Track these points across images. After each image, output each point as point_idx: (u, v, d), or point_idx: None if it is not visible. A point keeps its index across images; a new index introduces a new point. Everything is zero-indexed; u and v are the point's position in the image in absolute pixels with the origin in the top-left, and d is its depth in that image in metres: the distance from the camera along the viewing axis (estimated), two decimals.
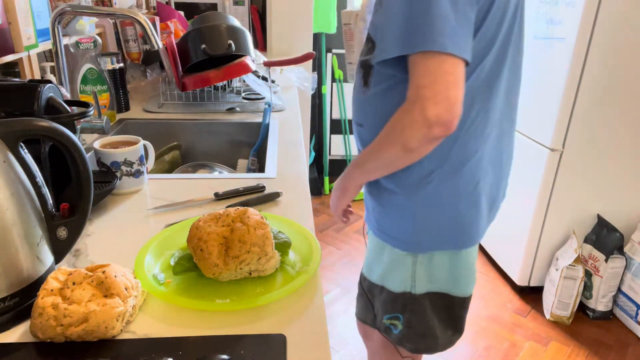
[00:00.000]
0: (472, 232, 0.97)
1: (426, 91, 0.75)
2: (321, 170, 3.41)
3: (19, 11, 1.12)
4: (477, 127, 0.90)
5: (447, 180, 0.92)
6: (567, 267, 2.02)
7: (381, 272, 1.05)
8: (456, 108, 0.76)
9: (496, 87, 0.90)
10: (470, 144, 0.91)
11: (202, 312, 0.64)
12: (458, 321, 1.07)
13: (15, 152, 0.61)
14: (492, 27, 0.84)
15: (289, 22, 2.47)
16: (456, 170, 0.91)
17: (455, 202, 0.93)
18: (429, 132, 0.77)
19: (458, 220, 0.95)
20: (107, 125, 1.07)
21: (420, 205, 0.94)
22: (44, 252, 0.64)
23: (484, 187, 0.95)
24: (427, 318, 1.03)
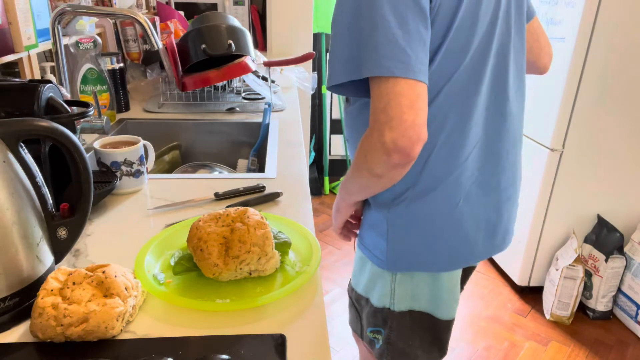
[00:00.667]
0: (453, 256, 0.92)
1: (381, 115, 0.72)
2: (321, 170, 3.41)
3: (19, 11, 1.12)
4: (452, 147, 0.85)
5: (418, 200, 0.88)
6: (567, 267, 2.02)
7: (364, 284, 1.03)
8: (412, 133, 0.71)
9: (473, 103, 0.83)
10: (444, 165, 0.86)
11: (202, 312, 0.64)
12: (443, 343, 1.03)
13: (15, 152, 0.61)
14: (460, 41, 0.79)
15: (289, 22, 2.47)
16: (429, 191, 0.87)
17: (429, 223, 0.89)
18: (388, 158, 0.74)
19: (436, 243, 0.90)
20: (107, 125, 1.07)
21: (394, 225, 0.91)
22: (44, 252, 0.64)
23: (467, 210, 0.89)
24: (406, 336, 1.00)
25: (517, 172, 0.98)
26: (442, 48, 0.78)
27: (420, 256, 0.92)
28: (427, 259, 0.92)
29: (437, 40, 0.77)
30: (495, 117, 0.88)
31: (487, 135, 0.89)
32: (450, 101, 0.82)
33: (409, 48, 0.71)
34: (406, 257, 0.93)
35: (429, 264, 0.92)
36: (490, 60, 0.83)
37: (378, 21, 0.70)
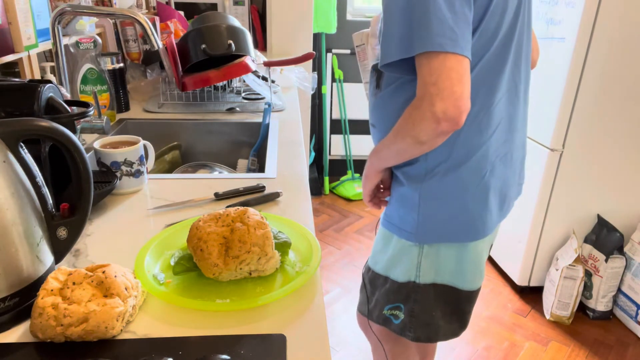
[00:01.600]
0: (479, 226, 0.99)
1: (432, 88, 0.79)
2: (321, 170, 3.41)
3: (19, 11, 1.12)
4: (481, 122, 0.93)
5: (451, 173, 0.94)
6: (567, 267, 2.02)
7: (386, 262, 1.07)
8: (462, 103, 0.79)
9: (498, 82, 0.92)
10: (474, 139, 0.93)
11: (202, 312, 0.64)
12: (464, 315, 1.09)
13: (15, 152, 0.61)
14: (492, 24, 0.87)
15: (289, 22, 2.47)
16: (460, 164, 0.94)
17: (460, 195, 0.96)
18: (437, 126, 0.81)
19: (463, 213, 0.97)
20: (107, 125, 1.07)
21: (425, 198, 0.97)
22: (44, 252, 0.64)
23: (492, 181, 0.97)
24: (430, 308, 1.05)
25: (524, 149, 1.07)
26: (478, 30, 0.86)
27: (450, 227, 0.98)
28: (455, 229, 0.98)
29: (476, 22, 0.85)
30: (513, 97, 0.97)
31: (508, 114, 0.97)
32: (481, 79, 0.90)
33: (456, 27, 0.79)
34: (436, 229, 0.99)
35: (458, 234, 0.99)
36: (513, 45, 0.92)
37: (429, 3, 0.78)
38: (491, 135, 0.94)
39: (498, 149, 0.97)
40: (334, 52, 3.17)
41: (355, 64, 3.23)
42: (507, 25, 0.89)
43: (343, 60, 3.22)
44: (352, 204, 3.18)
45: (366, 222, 2.94)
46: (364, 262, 2.47)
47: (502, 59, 0.91)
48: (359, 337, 1.99)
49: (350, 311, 2.15)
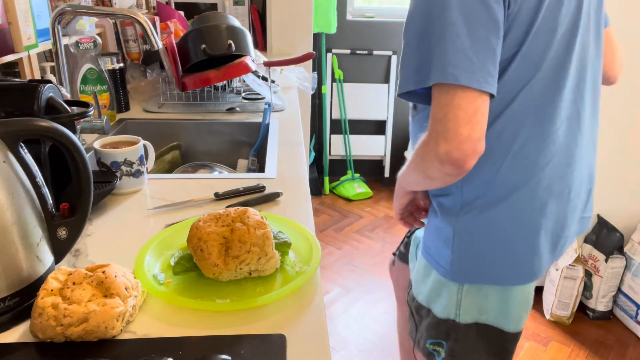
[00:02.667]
0: (524, 270, 0.89)
1: (439, 126, 0.73)
2: (321, 170, 3.41)
3: (19, 11, 1.12)
4: (528, 156, 0.83)
5: (490, 210, 0.85)
6: (567, 267, 2.02)
7: (427, 293, 0.99)
8: (467, 146, 0.72)
9: (552, 111, 0.82)
10: (519, 174, 0.83)
11: (202, 312, 0.64)
12: (507, 356, 0.99)
13: (15, 152, 0.61)
14: (539, 46, 0.77)
15: (289, 22, 2.47)
16: (501, 201, 0.84)
17: (500, 234, 0.86)
18: (442, 167, 0.75)
19: (505, 255, 0.87)
20: (107, 125, 1.07)
21: (460, 234, 0.88)
22: (44, 252, 0.64)
23: (542, 222, 0.86)
24: (472, 349, 0.96)
25: (591, 182, 0.97)
26: (518, 54, 0.76)
27: (488, 268, 0.89)
28: (495, 271, 0.89)
29: (514, 47, 0.76)
30: (574, 127, 0.86)
31: (567, 146, 0.86)
32: (527, 108, 0.80)
33: (475, 57, 0.70)
34: (473, 268, 0.90)
35: (497, 276, 0.89)
36: (571, 67, 0.81)
37: (447, 29, 0.70)
38: (542, 170, 0.84)
39: (551, 185, 0.85)
40: (334, 52, 3.17)
41: (355, 64, 3.23)
42: (559, 43, 0.79)
43: (343, 60, 3.22)
44: (352, 204, 3.18)
45: (366, 222, 2.95)
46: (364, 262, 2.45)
47: (556, 84, 0.81)
48: (359, 337, 1.99)
49: (350, 311, 2.15)
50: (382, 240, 2.73)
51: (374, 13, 3.22)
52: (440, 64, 0.71)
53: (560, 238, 0.91)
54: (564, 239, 0.93)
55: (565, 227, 0.91)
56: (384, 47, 3.20)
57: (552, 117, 0.82)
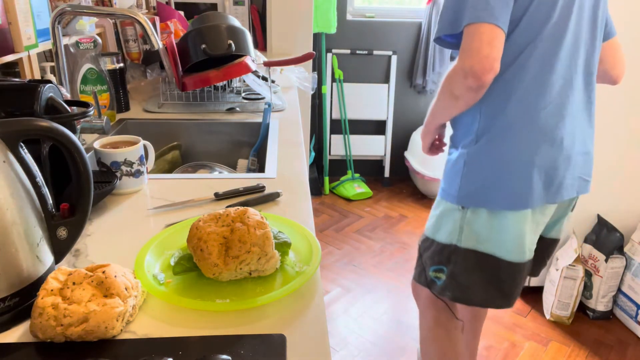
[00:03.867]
0: (517, 197, 1.07)
1: (466, 49, 0.97)
2: (321, 170, 3.41)
3: (19, 11, 1.12)
4: (529, 100, 1.04)
5: (495, 143, 1.07)
6: (567, 267, 2.02)
7: (433, 224, 1.20)
8: (487, 62, 0.95)
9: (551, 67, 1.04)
10: (520, 113, 1.05)
11: (202, 312, 0.64)
12: (502, 284, 1.15)
13: (15, 152, 0.61)
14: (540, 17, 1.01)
15: (289, 22, 2.47)
16: (504, 136, 1.06)
17: (501, 164, 1.07)
18: (465, 81, 0.98)
19: (503, 182, 1.07)
20: (107, 125, 1.07)
21: (469, 163, 1.10)
22: (44, 252, 0.64)
23: (536, 159, 1.06)
24: (469, 272, 1.14)
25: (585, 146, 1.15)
26: (524, 17, 1.01)
27: (488, 193, 1.09)
28: (493, 196, 1.08)
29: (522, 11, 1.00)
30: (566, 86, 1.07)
31: (561, 101, 1.06)
32: (531, 62, 1.03)
33: (495, 6, 0.96)
34: (477, 193, 1.10)
35: (495, 201, 1.08)
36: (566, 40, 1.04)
37: None
38: (538, 113, 1.05)
39: (545, 129, 1.06)
40: (334, 52, 3.17)
41: (355, 64, 3.23)
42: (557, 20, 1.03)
43: (343, 60, 3.22)
44: (352, 204, 3.18)
45: (366, 222, 2.95)
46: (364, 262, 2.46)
47: (554, 49, 1.03)
48: (359, 337, 1.99)
49: (350, 311, 2.15)
50: (382, 240, 2.73)
51: (374, 13, 3.22)
52: (470, 11, 0.97)
53: (554, 180, 1.10)
54: (558, 182, 1.11)
55: (557, 170, 1.09)
56: (384, 47, 3.20)
57: (550, 73, 1.04)
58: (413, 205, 3.16)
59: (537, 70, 1.04)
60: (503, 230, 1.10)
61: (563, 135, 1.08)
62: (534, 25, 1.02)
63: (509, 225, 1.09)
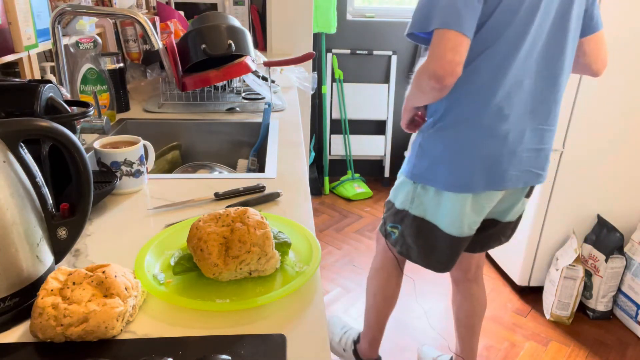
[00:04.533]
0: (455, 181, 1.23)
1: (432, 52, 1.07)
2: (321, 170, 3.41)
3: (19, 11, 1.12)
4: (476, 100, 1.17)
5: (445, 131, 1.22)
6: (567, 267, 2.02)
7: (393, 190, 1.41)
8: (449, 67, 1.05)
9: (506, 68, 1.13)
10: (469, 112, 1.18)
11: (202, 312, 0.64)
12: (439, 252, 1.35)
13: (15, 152, 0.61)
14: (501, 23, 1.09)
15: (289, 22, 2.46)
16: (452, 127, 1.21)
17: (446, 150, 1.22)
18: (429, 81, 1.08)
19: (445, 166, 1.23)
20: (107, 125, 1.07)
21: (424, 146, 1.27)
22: (44, 252, 0.64)
23: (475, 151, 1.20)
24: (415, 235, 1.36)
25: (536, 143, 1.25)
26: (487, 23, 1.09)
27: (434, 174, 1.25)
28: (438, 177, 1.25)
29: (485, 17, 1.09)
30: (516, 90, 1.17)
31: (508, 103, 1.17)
32: (486, 65, 1.13)
33: (463, 11, 1.05)
34: (425, 172, 1.28)
35: (438, 181, 1.25)
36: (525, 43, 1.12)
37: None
38: (486, 112, 1.17)
39: (491, 127, 1.18)
40: (334, 52, 3.17)
41: (355, 64, 3.23)
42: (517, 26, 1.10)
43: (343, 60, 3.22)
44: (352, 204, 3.18)
45: (366, 222, 2.95)
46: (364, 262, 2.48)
47: (511, 53, 1.12)
48: None
49: (350, 311, 2.15)
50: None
51: (374, 13, 3.22)
52: (439, 15, 1.06)
53: (495, 171, 1.22)
54: (500, 174, 1.23)
55: (499, 163, 1.22)
56: (384, 47, 3.20)
57: (503, 75, 1.14)
58: None
59: (490, 73, 1.14)
60: (445, 207, 1.26)
61: (508, 133, 1.19)
62: (494, 30, 1.10)
63: (450, 204, 1.25)
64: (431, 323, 2.08)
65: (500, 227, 1.43)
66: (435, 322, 2.09)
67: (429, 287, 2.32)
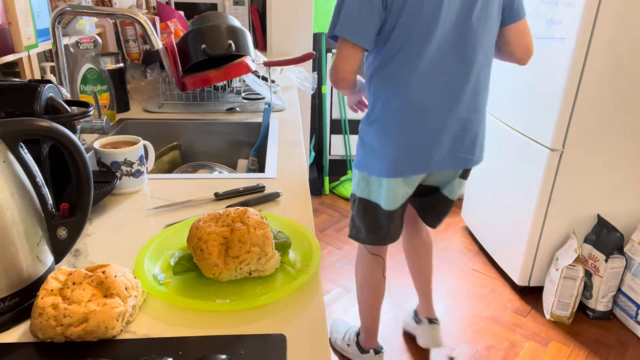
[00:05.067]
0: (382, 167, 1.39)
1: (334, 60, 1.30)
2: (321, 170, 3.41)
3: (19, 11, 1.12)
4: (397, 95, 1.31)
5: (372, 125, 1.39)
6: (567, 267, 2.02)
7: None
8: (340, 75, 1.29)
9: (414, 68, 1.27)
10: (390, 107, 1.34)
11: (202, 312, 0.64)
12: (381, 227, 1.52)
13: (15, 152, 0.61)
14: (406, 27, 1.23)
15: (289, 22, 2.47)
16: (375, 121, 1.38)
17: (374, 141, 1.39)
18: (331, 83, 1.34)
19: (377, 156, 1.39)
20: (107, 125, 1.07)
21: (362, 137, 1.45)
22: (44, 252, 0.64)
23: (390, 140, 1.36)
24: (361, 215, 1.53)
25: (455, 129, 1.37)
26: (395, 28, 1.23)
27: (370, 163, 1.43)
28: (373, 166, 1.42)
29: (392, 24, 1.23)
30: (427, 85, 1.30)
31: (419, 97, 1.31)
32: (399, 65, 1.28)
33: (359, 22, 1.21)
34: (364, 162, 1.45)
35: (373, 169, 1.42)
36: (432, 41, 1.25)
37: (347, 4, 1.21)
38: (402, 109, 1.32)
39: (409, 119, 1.33)
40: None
41: None
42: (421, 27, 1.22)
43: None
44: None
45: None
46: None
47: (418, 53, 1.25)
48: None
49: (350, 311, 2.15)
50: None
51: None
52: (340, 24, 1.22)
53: (419, 158, 1.38)
54: (425, 160, 1.38)
55: (422, 151, 1.37)
56: None
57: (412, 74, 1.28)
58: None
59: (404, 72, 1.27)
60: (383, 188, 1.43)
61: (426, 124, 1.33)
62: (402, 33, 1.23)
63: (386, 185, 1.42)
64: None
65: (441, 200, 1.58)
66: None
67: None
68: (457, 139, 1.38)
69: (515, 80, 2.24)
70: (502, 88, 2.33)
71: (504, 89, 2.32)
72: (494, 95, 2.45)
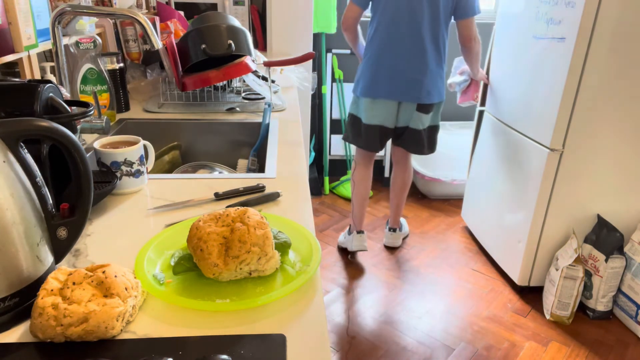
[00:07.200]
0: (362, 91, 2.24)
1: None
2: (321, 170, 3.41)
3: (19, 11, 1.12)
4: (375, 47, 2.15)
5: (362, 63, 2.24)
6: (567, 267, 2.02)
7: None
8: (345, 21, 2.20)
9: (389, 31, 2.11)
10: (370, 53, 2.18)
11: (202, 312, 0.64)
12: (360, 134, 2.34)
13: (15, 152, 0.61)
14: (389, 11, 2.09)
15: (289, 22, 2.47)
16: (365, 61, 2.21)
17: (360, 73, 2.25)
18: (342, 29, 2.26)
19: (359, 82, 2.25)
20: (107, 125, 1.07)
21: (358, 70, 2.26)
22: (44, 252, 0.64)
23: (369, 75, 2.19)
24: (350, 125, 2.38)
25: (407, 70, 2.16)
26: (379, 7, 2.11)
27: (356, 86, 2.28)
28: (356, 89, 2.28)
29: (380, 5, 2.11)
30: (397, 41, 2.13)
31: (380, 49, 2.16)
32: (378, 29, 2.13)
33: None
34: (356, 86, 2.28)
35: (356, 91, 2.27)
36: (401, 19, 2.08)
37: None
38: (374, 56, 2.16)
39: (377, 62, 2.16)
40: (334, 52, 3.17)
41: (355, 64, 3.23)
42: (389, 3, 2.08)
43: (343, 60, 3.22)
44: None
45: (366, 222, 2.94)
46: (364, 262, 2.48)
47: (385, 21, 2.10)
48: (359, 337, 1.99)
49: (350, 311, 2.15)
50: (382, 240, 2.73)
51: None
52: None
53: (374, 88, 2.20)
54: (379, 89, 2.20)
55: (380, 83, 2.18)
56: None
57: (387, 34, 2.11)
58: (413, 205, 3.16)
59: (377, 33, 2.12)
60: (361, 106, 2.27)
61: (387, 67, 2.14)
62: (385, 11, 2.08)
63: (364, 104, 2.25)
64: (431, 323, 2.08)
65: (411, 132, 2.30)
66: (435, 322, 2.09)
67: (429, 287, 2.32)
68: (412, 82, 2.14)
69: (515, 81, 2.24)
70: (502, 88, 2.32)
71: (504, 89, 2.32)
72: (494, 95, 2.45)
